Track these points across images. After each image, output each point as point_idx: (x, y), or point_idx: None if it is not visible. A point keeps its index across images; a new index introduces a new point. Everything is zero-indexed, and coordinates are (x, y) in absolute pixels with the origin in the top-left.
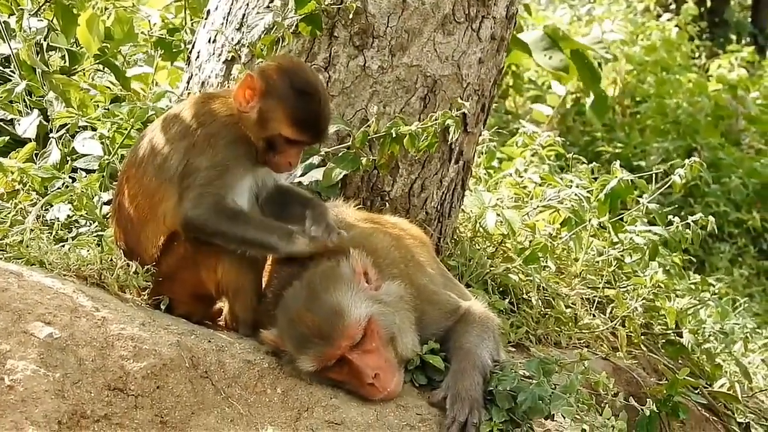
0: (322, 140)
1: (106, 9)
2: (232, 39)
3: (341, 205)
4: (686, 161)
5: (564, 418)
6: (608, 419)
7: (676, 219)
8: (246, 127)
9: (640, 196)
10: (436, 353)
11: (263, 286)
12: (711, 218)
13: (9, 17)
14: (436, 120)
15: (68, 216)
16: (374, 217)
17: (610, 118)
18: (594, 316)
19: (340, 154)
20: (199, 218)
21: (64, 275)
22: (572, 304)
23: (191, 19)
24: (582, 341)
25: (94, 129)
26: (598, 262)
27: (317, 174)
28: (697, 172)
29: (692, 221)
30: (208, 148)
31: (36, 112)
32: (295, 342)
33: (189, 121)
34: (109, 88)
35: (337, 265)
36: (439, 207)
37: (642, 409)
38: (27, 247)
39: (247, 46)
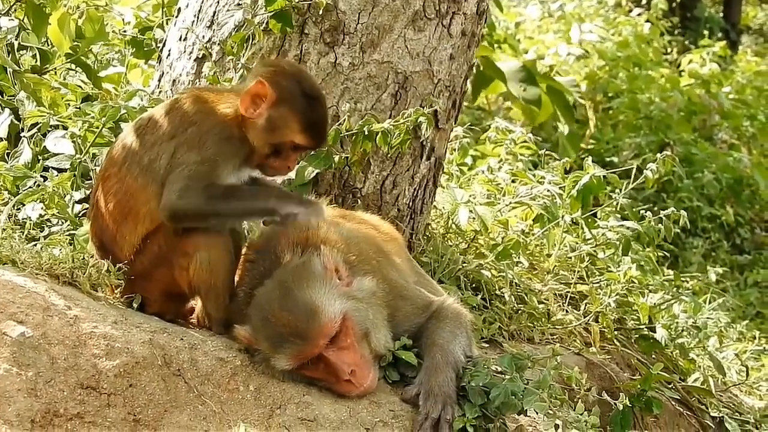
0: (324, 145)
1: (77, 8)
2: (203, 37)
3: None
4: (658, 156)
5: (537, 413)
6: (581, 414)
7: (649, 214)
8: (251, 131)
9: (613, 192)
10: (408, 349)
11: (235, 284)
12: (683, 212)
13: None
14: (408, 117)
15: (40, 215)
16: (346, 213)
17: (582, 114)
18: (567, 311)
19: (312, 152)
20: (191, 205)
21: (37, 274)
22: (545, 300)
23: (167, 18)
24: (555, 337)
25: (65, 128)
26: (570, 258)
27: (290, 172)
28: (669, 166)
29: (665, 216)
30: (197, 145)
31: (7, 111)
32: (270, 341)
33: (179, 120)
34: (80, 87)
35: (309, 262)
36: (410, 203)
37: (615, 404)
38: None
39: (218, 44)
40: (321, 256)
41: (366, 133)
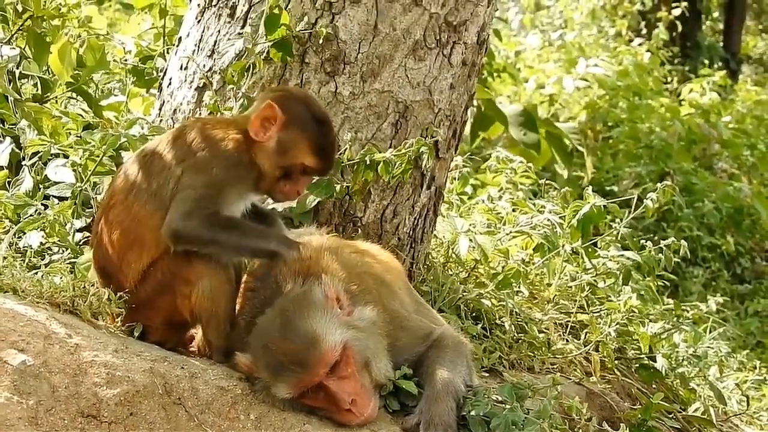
0: (333, 169)
1: (79, 36)
2: (204, 66)
3: (314, 231)
4: (659, 185)
5: None
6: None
7: (649, 243)
8: (260, 155)
9: (613, 221)
10: (409, 378)
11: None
12: (683, 242)
13: None
14: (409, 147)
15: (41, 243)
16: (346, 242)
17: (582, 143)
18: (567, 341)
19: (314, 181)
20: (193, 230)
21: (37, 302)
22: (545, 329)
23: (167, 46)
24: (555, 366)
25: (66, 156)
26: (571, 287)
27: (291, 201)
28: (669, 196)
29: (665, 245)
30: (205, 170)
31: (8, 140)
32: (271, 369)
33: (187, 146)
34: (81, 115)
35: (310, 291)
36: (411, 233)
37: None
38: (0, 274)
39: (219, 73)
40: (322, 285)
41: (368, 162)
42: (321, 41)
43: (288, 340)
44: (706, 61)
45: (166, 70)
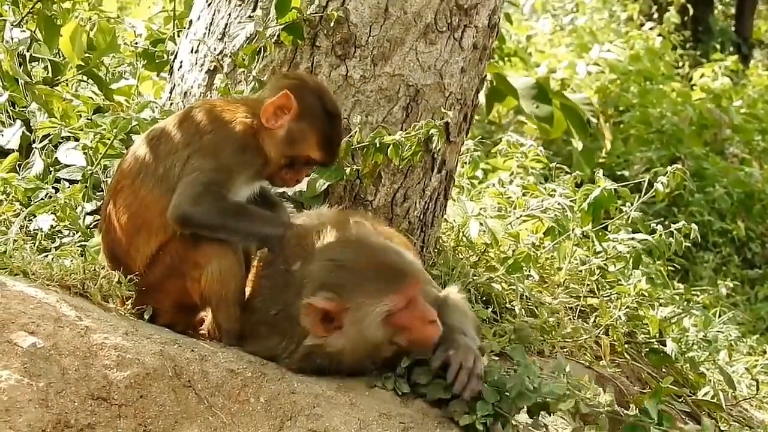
0: (334, 163)
1: (89, 19)
2: (215, 49)
3: (325, 211)
4: (668, 168)
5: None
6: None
7: (659, 227)
8: (268, 142)
9: (624, 206)
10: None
11: (247, 296)
12: (694, 226)
13: None
14: (419, 130)
15: (51, 226)
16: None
17: (598, 129)
18: (577, 324)
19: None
20: (202, 215)
21: (48, 285)
22: (555, 313)
23: (178, 30)
24: (565, 350)
25: (77, 139)
26: (581, 271)
27: (301, 184)
28: (679, 179)
29: (675, 229)
30: (213, 153)
31: (19, 122)
32: (369, 289)
33: (194, 129)
34: (91, 98)
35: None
36: (421, 216)
37: (625, 416)
38: (10, 257)
39: (229, 56)
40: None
41: (377, 145)
42: (332, 24)
43: (382, 255)
44: (718, 46)
45: (177, 53)
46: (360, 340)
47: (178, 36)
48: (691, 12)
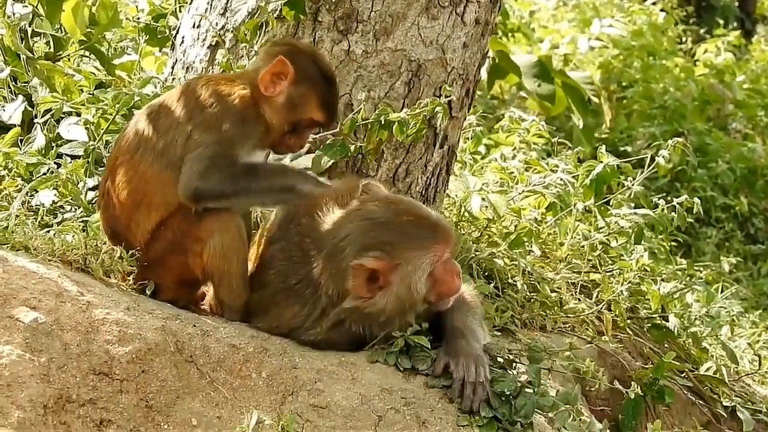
0: (336, 123)
1: None
2: (216, 24)
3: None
4: (669, 142)
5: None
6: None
7: (662, 202)
8: (269, 110)
9: (626, 181)
10: (422, 333)
11: (253, 271)
12: (697, 201)
13: None
14: (423, 107)
15: (53, 202)
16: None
17: (597, 92)
18: (579, 300)
19: (327, 142)
20: (214, 186)
21: (49, 260)
22: (557, 288)
23: (180, 4)
24: (567, 325)
25: (78, 115)
26: (583, 246)
27: (305, 161)
28: (680, 153)
29: (678, 204)
30: (215, 126)
31: (21, 98)
32: (415, 243)
33: (194, 103)
34: (93, 73)
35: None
36: (423, 192)
37: (627, 393)
38: (12, 232)
39: (231, 31)
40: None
41: (382, 122)
42: None
43: (417, 208)
44: (721, 21)
45: (179, 28)
46: (406, 295)
47: (180, 11)
48: None
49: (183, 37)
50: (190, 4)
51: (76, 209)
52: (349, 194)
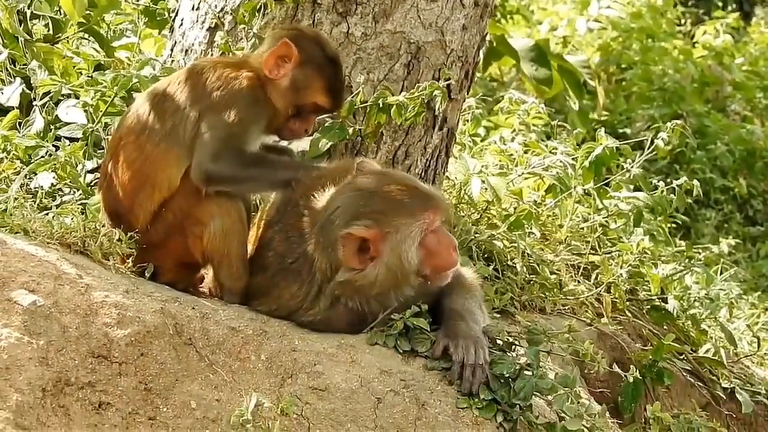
0: (341, 108)
1: None
2: (215, 6)
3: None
4: (668, 124)
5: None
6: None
7: (661, 184)
8: (274, 93)
9: (625, 163)
10: (421, 315)
11: (253, 254)
12: (696, 182)
13: None
14: (422, 90)
15: (52, 184)
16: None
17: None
18: (579, 282)
19: (326, 124)
20: (226, 169)
21: (48, 243)
22: (557, 270)
23: None
24: (567, 307)
25: (77, 97)
26: (582, 228)
27: (304, 144)
28: (679, 135)
29: (677, 185)
30: (225, 110)
31: (18, 80)
32: (405, 211)
33: (201, 86)
34: (92, 55)
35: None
36: (423, 174)
37: (626, 376)
38: (11, 215)
39: (230, 13)
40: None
41: (381, 105)
42: None
43: (407, 180)
44: (720, 3)
45: (178, 10)
46: (397, 265)
47: None
48: None
49: (182, 20)
50: None
51: (74, 192)
52: (345, 174)
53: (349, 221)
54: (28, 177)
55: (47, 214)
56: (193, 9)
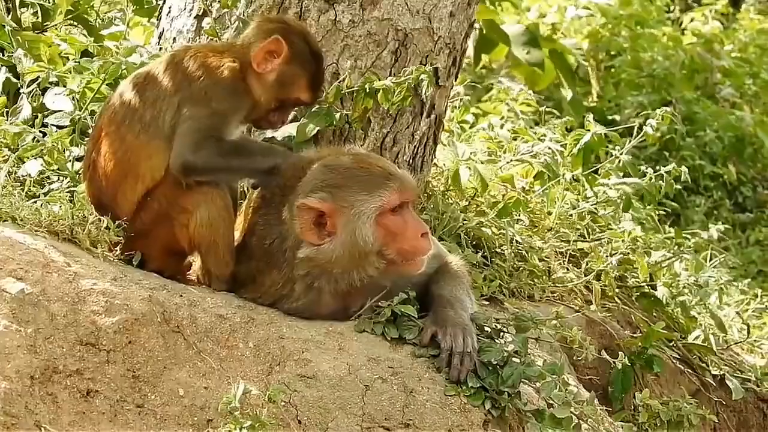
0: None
1: None
2: None
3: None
4: (657, 111)
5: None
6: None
7: (650, 170)
8: (257, 86)
9: (614, 150)
10: (409, 303)
11: (240, 240)
12: (684, 168)
13: None
14: (409, 75)
15: (40, 172)
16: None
17: (585, 74)
18: (567, 269)
19: (313, 110)
20: (204, 160)
21: (36, 231)
22: (546, 257)
23: None
24: (555, 294)
25: (64, 85)
26: (571, 215)
27: (291, 129)
28: (668, 121)
29: (666, 172)
30: (205, 99)
31: (4, 68)
32: (363, 186)
33: (181, 75)
34: (79, 41)
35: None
36: (411, 161)
37: (615, 363)
38: None
39: (218, 1)
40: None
41: (367, 90)
42: None
43: (377, 160)
44: None
45: None
46: (353, 243)
47: None
48: None
49: (170, 7)
50: None
51: (62, 179)
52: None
53: (307, 193)
54: (15, 165)
55: (35, 202)
56: None
